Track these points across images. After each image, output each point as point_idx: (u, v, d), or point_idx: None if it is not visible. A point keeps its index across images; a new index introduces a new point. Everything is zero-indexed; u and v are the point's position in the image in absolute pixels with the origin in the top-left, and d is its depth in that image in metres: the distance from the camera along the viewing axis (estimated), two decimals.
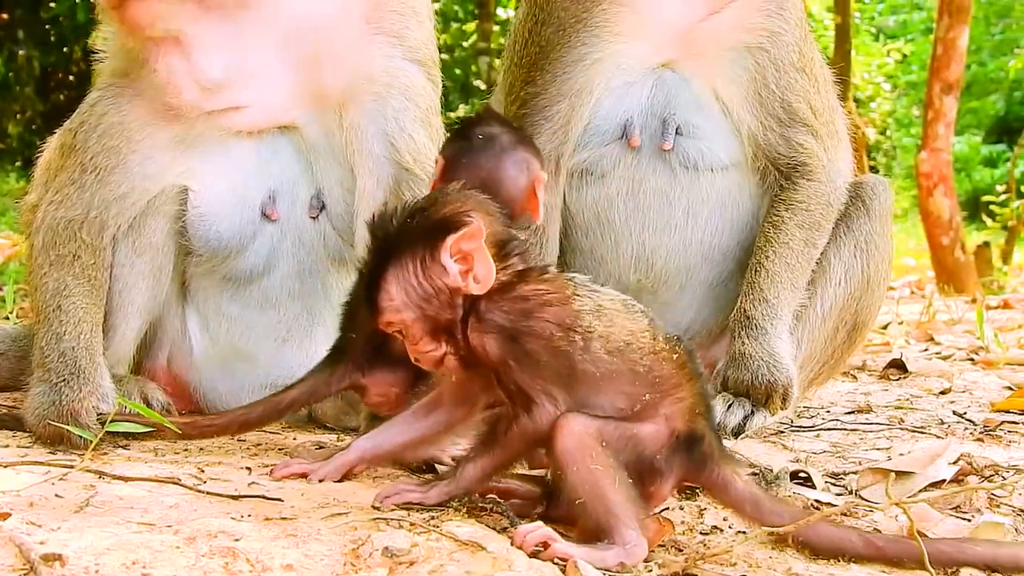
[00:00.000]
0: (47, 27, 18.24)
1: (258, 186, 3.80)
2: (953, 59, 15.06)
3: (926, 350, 6.86)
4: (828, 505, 3.16)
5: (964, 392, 5.12)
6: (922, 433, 4.17)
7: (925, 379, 5.52)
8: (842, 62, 16.37)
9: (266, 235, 3.84)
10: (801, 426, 4.33)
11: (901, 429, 4.26)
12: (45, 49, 18.47)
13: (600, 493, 2.52)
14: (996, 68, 32.45)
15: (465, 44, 21.85)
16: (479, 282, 2.66)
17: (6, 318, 5.93)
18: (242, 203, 3.79)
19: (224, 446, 3.45)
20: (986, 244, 16.92)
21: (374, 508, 2.62)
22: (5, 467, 2.90)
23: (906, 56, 32.51)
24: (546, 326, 2.64)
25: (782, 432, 4.17)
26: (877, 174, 5.34)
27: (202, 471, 2.99)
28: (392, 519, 2.52)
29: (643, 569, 2.49)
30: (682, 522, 2.90)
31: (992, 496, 3.30)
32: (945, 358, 6.43)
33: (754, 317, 4.05)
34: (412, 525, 2.49)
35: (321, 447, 3.51)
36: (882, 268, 4.39)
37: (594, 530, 2.52)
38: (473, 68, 20.73)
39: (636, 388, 2.64)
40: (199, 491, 2.75)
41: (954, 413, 4.55)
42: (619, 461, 2.56)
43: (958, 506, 3.25)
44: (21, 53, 18.29)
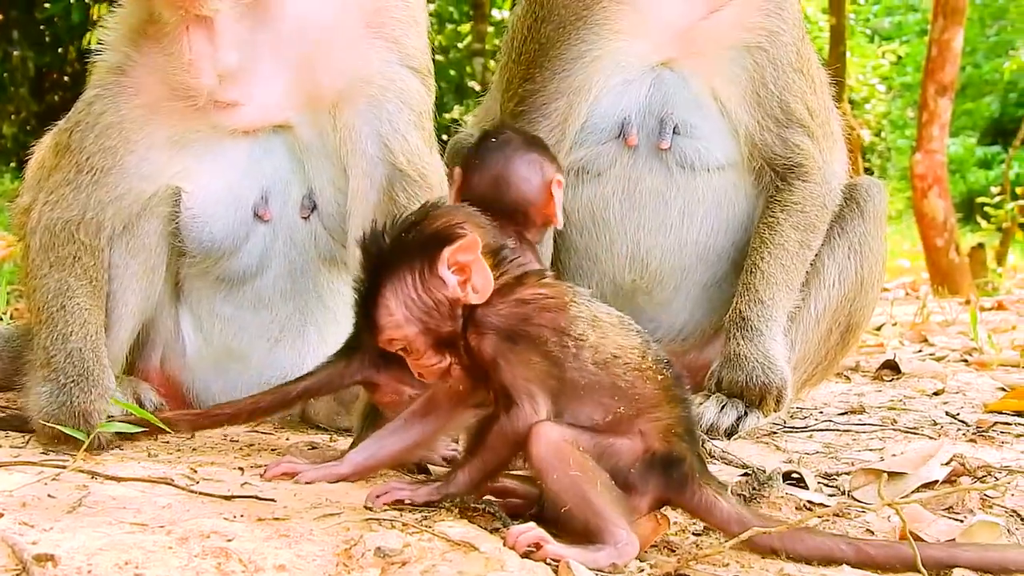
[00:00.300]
0: (42, 28, 18.22)
1: (251, 186, 3.80)
2: (948, 61, 15.07)
3: (920, 351, 6.88)
4: (820, 506, 3.17)
5: (957, 393, 5.13)
6: (915, 434, 4.18)
7: (918, 380, 5.53)
8: (837, 64, 16.34)
9: (259, 235, 3.84)
10: (794, 427, 4.33)
11: (894, 430, 4.27)
12: (40, 50, 18.45)
13: (584, 497, 2.52)
14: (991, 70, 32.51)
15: (460, 45, 21.85)
16: (478, 292, 2.66)
17: None
18: (235, 203, 3.79)
19: (217, 446, 3.45)
20: (980, 246, 16.92)
21: (366, 508, 2.62)
22: None
23: (901, 58, 32.57)
24: (542, 330, 2.65)
25: (775, 433, 4.18)
26: (872, 176, 5.36)
27: (195, 471, 2.99)
28: (385, 519, 2.52)
29: (635, 570, 2.49)
30: (675, 523, 2.90)
31: (985, 497, 3.30)
32: (939, 359, 6.44)
33: (749, 318, 4.06)
34: (404, 525, 2.49)
35: (314, 447, 3.51)
36: (876, 270, 4.40)
37: (584, 533, 2.52)
38: (468, 69, 20.73)
39: (613, 401, 2.64)
40: (192, 491, 2.74)
41: (947, 414, 4.56)
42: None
43: (951, 507, 3.25)
44: (16, 54, 18.28)
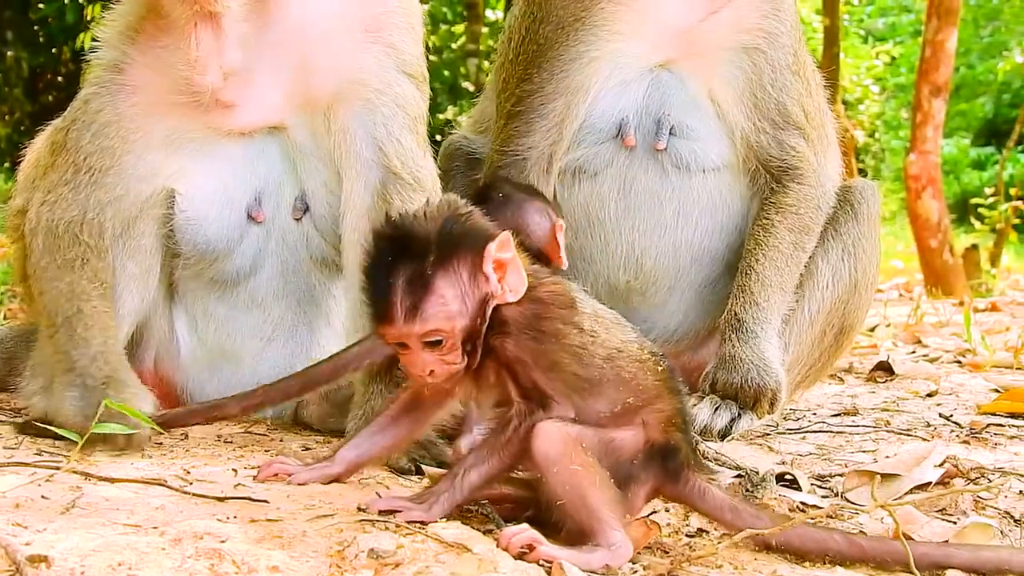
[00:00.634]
0: (36, 28, 18.19)
1: (244, 188, 3.79)
2: (942, 62, 15.12)
3: (913, 352, 6.88)
4: (814, 507, 3.17)
5: (951, 395, 5.13)
6: (908, 435, 4.18)
7: (912, 381, 5.53)
8: (831, 65, 16.38)
9: (252, 237, 3.84)
10: (787, 428, 4.34)
11: (887, 431, 4.27)
12: (34, 50, 18.42)
13: (582, 495, 2.52)
14: (985, 71, 32.59)
15: (454, 46, 21.86)
16: (512, 290, 2.63)
17: None
18: (229, 205, 3.78)
19: (210, 447, 3.45)
20: (974, 247, 16.98)
21: (360, 510, 2.62)
22: None
23: (895, 59, 32.58)
24: (561, 327, 2.65)
25: (768, 434, 4.18)
26: (866, 177, 5.36)
27: (188, 472, 2.99)
28: (378, 521, 2.53)
29: (629, 571, 2.50)
30: (667, 524, 2.91)
31: (978, 499, 3.31)
32: (932, 360, 6.44)
33: (744, 320, 4.07)
34: (398, 527, 2.49)
35: (307, 449, 3.51)
36: (870, 272, 4.41)
37: (578, 533, 2.52)
38: (462, 70, 20.73)
39: (619, 394, 2.65)
40: (185, 492, 2.74)
41: (940, 415, 4.56)
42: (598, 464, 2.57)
43: (944, 508, 3.26)
44: (10, 54, 18.25)
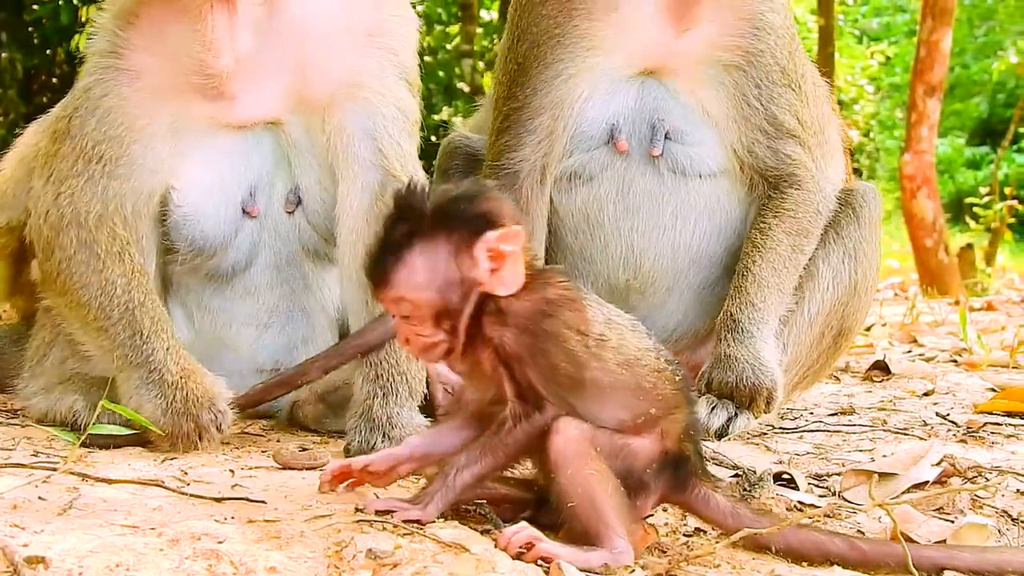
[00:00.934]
0: (30, 30, 18.15)
1: (239, 182, 3.80)
2: (936, 61, 15.14)
3: (909, 352, 6.88)
4: (811, 507, 3.17)
5: (947, 394, 5.13)
6: (905, 435, 4.18)
7: (908, 381, 5.52)
8: (825, 65, 16.39)
9: (247, 231, 3.84)
10: (784, 428, 4.34)
11: (884, 431, 4.27)
12: (28, 51, 18.38)
13: (592, 498, 2.51)
14: (979, 70, 32.61)
15: (448, 46, 21.82)
16: (504, 284, 2.60)
17: None
18: (225, 200, 3.79)
19: (207, 448, 3.44)
20: (969, 246, 17.00)
21: (357, 510, 2.61)
22: None
23: (889, 58, 32.61)
24: (565, 330, 2.62)
25: (765, 434, 4.18)
26: (861, 177, 5.36)
27: (185, 473, 2.99)
28: (375, 521, 2.52)
29: (626, 571, 2.49)
30: (665, 524, 2.91)
31: (975, 497, 3.31)
32: (928, 360, 6.44)
33: (740, 320, 4.07)
34: (395, 527, 2.48)
35: (304, 449, 3.50)
36: (870, 275, 4.42)
37: (583, 535, 2.52)
38: (456, 71, 20.69)
39: (641, 403, 2.64)
40: (182, 493, 2.74)
41: (937, 415, 4.56)
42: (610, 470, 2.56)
43: (941, 507, 3.26)
44: (4, 56, 18.21)
